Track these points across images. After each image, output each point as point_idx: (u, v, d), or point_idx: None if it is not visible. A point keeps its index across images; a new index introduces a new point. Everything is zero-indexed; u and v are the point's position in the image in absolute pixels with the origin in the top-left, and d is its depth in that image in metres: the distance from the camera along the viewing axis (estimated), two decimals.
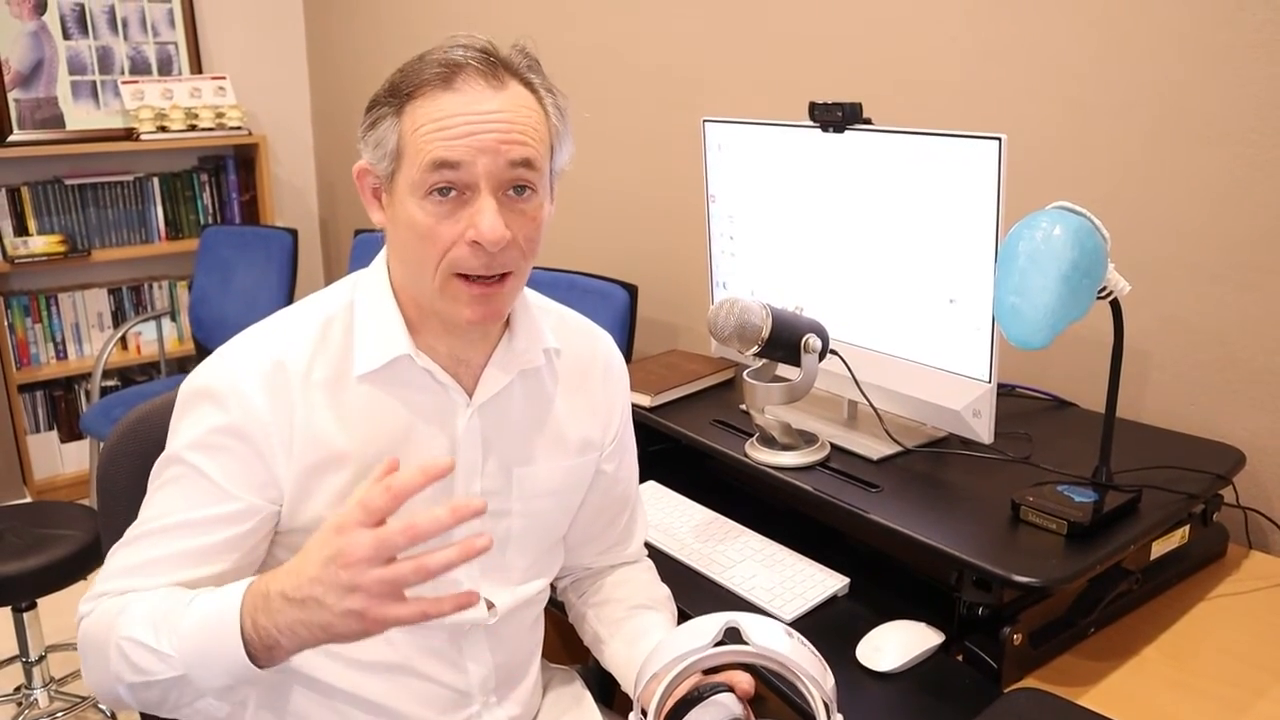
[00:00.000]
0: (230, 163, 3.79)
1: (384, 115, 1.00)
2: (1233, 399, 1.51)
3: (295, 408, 1.03)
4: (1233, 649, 1.22)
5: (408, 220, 0.99)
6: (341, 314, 1.08)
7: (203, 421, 1.02)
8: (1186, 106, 1.49)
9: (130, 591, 1.00)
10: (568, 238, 2.79)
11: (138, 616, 0.95)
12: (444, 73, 0.97)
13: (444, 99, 0.97)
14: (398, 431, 1.07)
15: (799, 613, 1.31)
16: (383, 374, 1.06)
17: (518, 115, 0.99)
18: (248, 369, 1.03)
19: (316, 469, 1.04)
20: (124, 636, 0.94)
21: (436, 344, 1.08)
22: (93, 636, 0.99)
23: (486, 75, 0.98)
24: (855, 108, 1.46)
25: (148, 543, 1.02)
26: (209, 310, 3.40)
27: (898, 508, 1.31)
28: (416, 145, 0.97)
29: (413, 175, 0.98)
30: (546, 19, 2.69)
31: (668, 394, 1.76)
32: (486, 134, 0.96)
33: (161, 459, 1.06)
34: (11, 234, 3.41)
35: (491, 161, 0.97)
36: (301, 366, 1.04)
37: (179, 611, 0.94)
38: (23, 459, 3.47)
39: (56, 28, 3.43)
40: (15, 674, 2.43)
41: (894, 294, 1.47)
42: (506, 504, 1.14)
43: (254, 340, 1.06)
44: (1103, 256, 1.19)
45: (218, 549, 1.02)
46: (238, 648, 0.89)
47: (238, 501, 1.02)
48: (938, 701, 1.16)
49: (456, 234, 0.98)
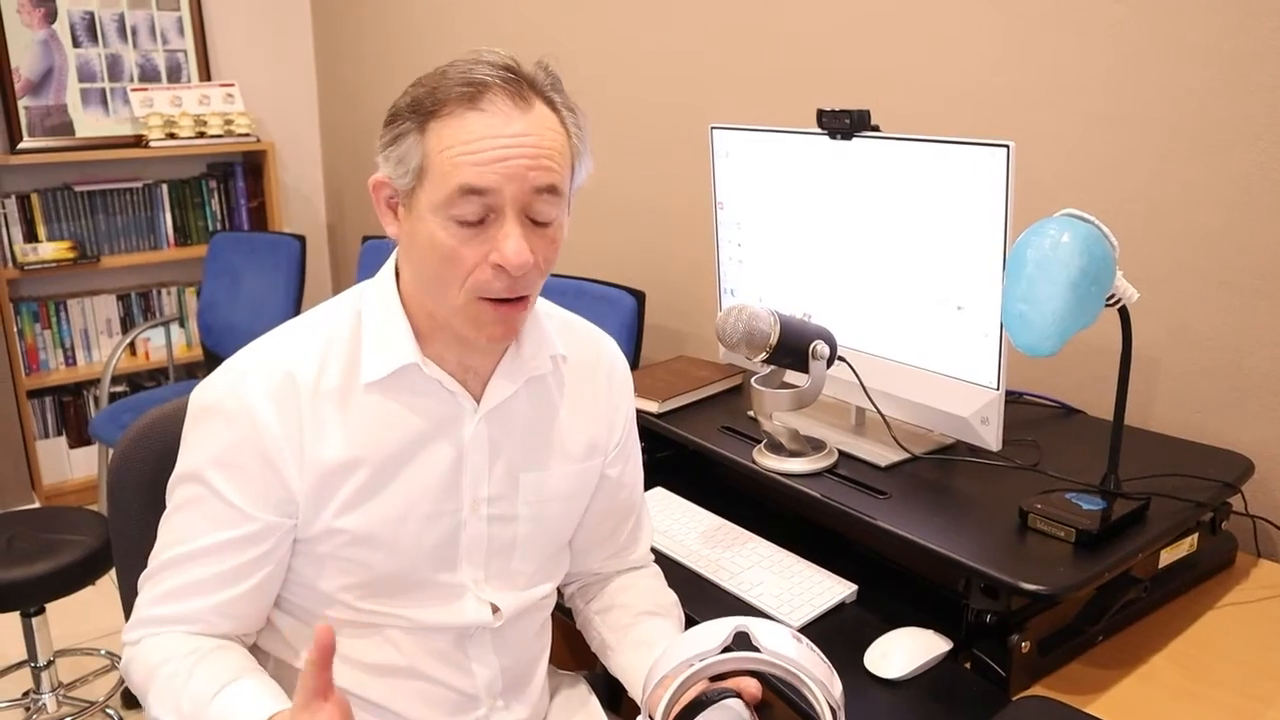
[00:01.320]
0: (239, 169, 3.80)
1: (407, 131, 0.99)
2: (1241, 407, 1.50)
3: (304, 419, 1.04)
4: (1242, 658, 1.21)
5: (429, 239, 0.99)
6: (349, 324, 1.09)
7: (214, 438, 1.04)
8: (1196, 114, 1.49)
9: (168, 624, 1.05)
10: (576, 244, 2.79)
11: (164, 697, 1.02)
12: (470, 91, 0.97)
13: (470, 119, 0.96)
14: (406, 438, 1.07)
15: (807, 619, 1.31)
16: (390, 382, 1.07)
17: (544, 139, 0.99)
18: (255, 383, 1.03)
19: (327, 478, 1.04)
20: (153, 714, 1.02)
21: (445, 353, 1.09)
22: (138, 683, 1.06)
23: (513, 95, 0.98)
24: (863, 115, 1.46)
25: (176, 571, 1.05)
26: (217, 316, 3.41)
27: (906, 514, 1.30)
28: (443, 168, 0.97)
29: (437, 196, 0.97)
30: (555, 26, 2.70)
31: (675, 400, 1.77)
32: (515, 160, 0.96)
33: (176, 475, 1.07)
34: (21, 240, 3.42)
35: (519, 188, 0.97)
36: (310, 378, 1.05)
37: (202, 706, 0.99)
38: (31, 464, 3.48)
39: (66, 36, 3.45)
40: (24, 679, 2.44)
41: (902, 301, 1.47)
42: (513, 509, 1.15)
43: (261, 353, 1.07)
44: (1111, 264, 1.19)
45: (244, 568, 1.05)
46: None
47: (255, 522, 1.03)
48: (946, 709, 1.15)
49: (480, 256, 0.98)
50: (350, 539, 1.06)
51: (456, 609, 1.12)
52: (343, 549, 1.07)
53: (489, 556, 1.14)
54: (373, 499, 1.06)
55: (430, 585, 1.11)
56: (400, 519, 1.08)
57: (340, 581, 1.08)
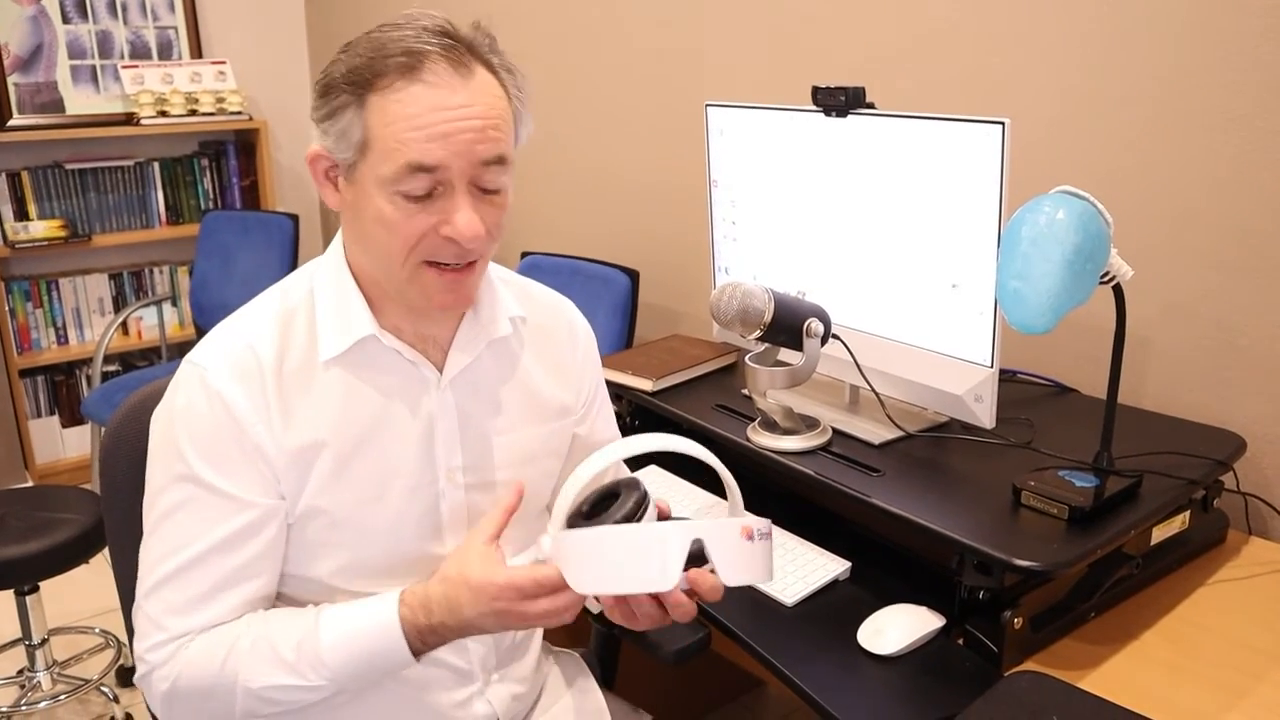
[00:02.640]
0: (231, 148, 3.78)
1: (345, 105, 0.97)
2: (1234, 385, 1.51)
3: (270, 399, 1.03)
4: (1232, 634, 1.22)
5: (376, 214, 0.98)
6: (303, 303, 1.08)
7: (193, 436, 1.02)
8: (1190, 92, 1.48)
9: (197, 632, 1.02)
10: (569, 223, 2.79)
11: (259, 664, 1.00)
12: (408, 62, 0.95)
13: (414, 93, 0.95)
14: (372, 413, 1.07)
15: (800, 596, 1.31)
16: (351, 357, 1.06)
17: (489, 108, 0.98)
18: (220, 370, 1.02)
19: (299, 457, 1.04)
20: (259, 689, 0.99)
21: (401, 324, 1.09)
22: (194, 693, 1.01)
23: (454, 63, 0.97)
24: (858, 92, 1.46)
25: (184, 579, 1.02)
26: (210, 295, 3.40)
27: (899, 492, 1.31)
28: (388, 144, 0.95)
29: (383, 172, 0.96)
30: (548, 4, 2.68)
31: (669, 379, 1.77)
32: (461, 134, 0.95)
33: (157, 484, 1.04)
34: (12, 219, 3.40)
35: (466, 162, 0.97)
36: (271, 360, 1.04)
37: (310, 640, 0.99)
38: (24, 444, 3.47)
39: (56, 12, 3.41)
40: (18, 657, 2.44)
41: (896, 279, 1.47)
42: (490, 475, 1.14)
43: (220, 342, 1.06)
44: (1106, 241, 1.19)
45: (254, 560, 1.03)
46: (404, 654, 1.00)
47: (254, 508, 1.02)
48: (938, 684, 1.16)
49: (428, 227, 0.98)
50: (331, 520, 1.06)
51: None
52: (327, 531, 1.06)
53: (471, 526, 1.13)
54: (346, 477, 1.05)
55: (419, 560, 1.10)
56: (377, 496, 1.07)
57: (331, 565, 1.08)
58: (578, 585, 0.91)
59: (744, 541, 0.91)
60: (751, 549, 0.92)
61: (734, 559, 0.91)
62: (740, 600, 1.32)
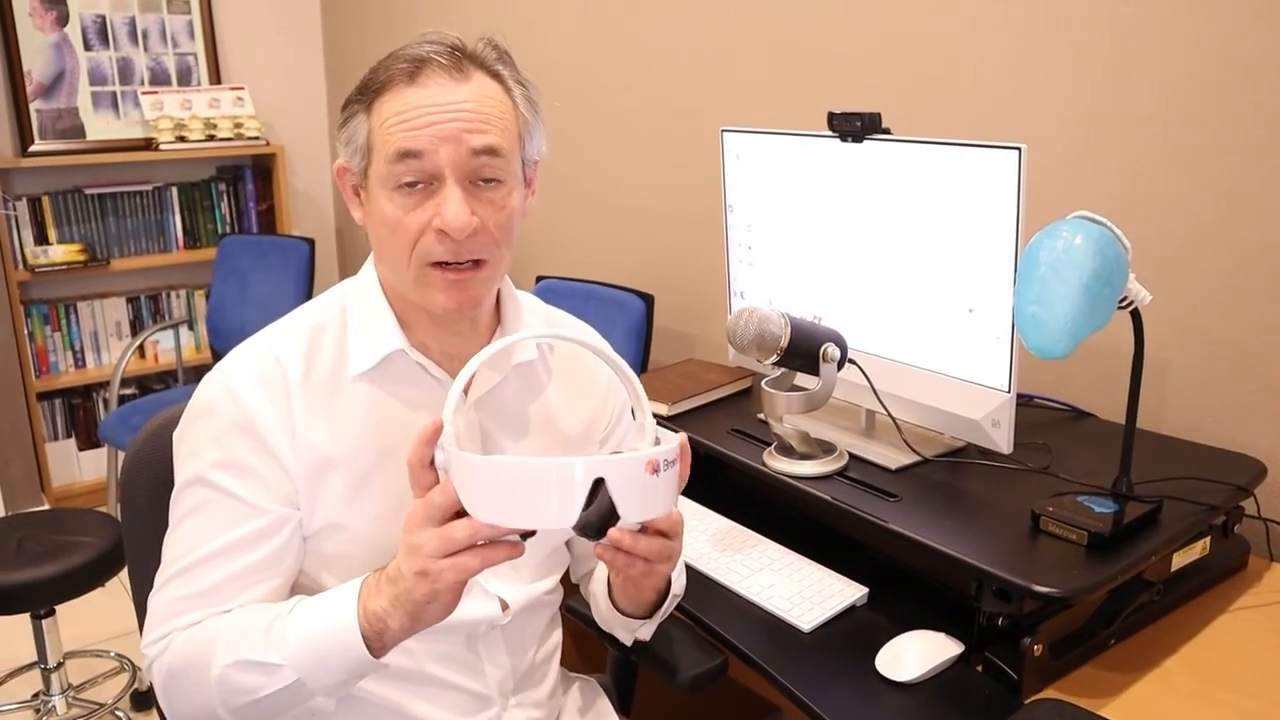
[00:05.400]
0: (248, 172, 3.81)
1: (355, 113, 1.04)
2: (1253, 410, 1.50)
3: (295, 410, 1.04)
4: (1254, 661, 1.21)
5: (380, 215, 1.02)
6: (334, 320, 1.10)
7: (213, 440, 1.03)
8: (1207, 116, 1.48)
9: (201, 619, 1.01)
10: (585, 248, 2.80)
11: (234, 640, 0.97)
12: (409, 68, 1.00)
13: (409, 93, 1.00)
14: (396, 429, 1.07)
15: (818, 622, 1.31)
16: (378, 373, 1.07)
17: (482, 104, 1.01)
18: (246, 378, 1.04)
19: (319, 470, 1.04)
20: (226, 665, 0.96)
21: (428, 341, 1.10)
22: (181, 671, 0.99)
23: (450, 70, 1.00)
24: (874, 117, 1.46)
25: (193, 575, 1.02)
26: (226, 319, 3.42)
27: (917, 517, 1.30)
28: (383, 139, 1.00)
29: (381, 169, 1.01)
30: (563, 32, 2.70)
31: (685, 403, 1.77)
32: (449, 123, 0.98)
33: (179, 486, 1.06)
34: (32, 243, 3.43)
35: (454, 150, 0.99)
36: (297, 372, 1.05)
37: (281, 621, 0.96)
38: (41, 466, 3.49)
39: (78, 39, 3.46)
40: (34, 680, 2.44)
41: (913, 303, 1.47)
42: None
43: (249, 351, 1.07)
44: (1124, 266, 1.19)
45: (263, 565, 1.03)
46: (356, 641, 0.92)
47: (266, 515, 1.03)
48: (957, 712, 1.15)
49: (424, 223, 1.00)
50: (350, 536, 1.06)
51: (465, 605, 1.12)
52: (345, 546, 1.06)
53: None
54: (366, 492, 1.06)
55: None
56: (395, 513, 1.07)
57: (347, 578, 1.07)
58: (474, 510, 0.86)
59: (648, 477, 0.86)
60: (654, 484, 0.86)
61: (637, 495, 0.85)
62: (757, 626, 1.31)
